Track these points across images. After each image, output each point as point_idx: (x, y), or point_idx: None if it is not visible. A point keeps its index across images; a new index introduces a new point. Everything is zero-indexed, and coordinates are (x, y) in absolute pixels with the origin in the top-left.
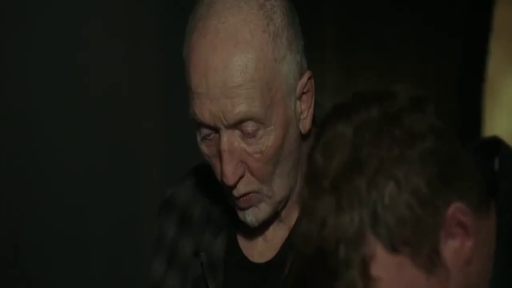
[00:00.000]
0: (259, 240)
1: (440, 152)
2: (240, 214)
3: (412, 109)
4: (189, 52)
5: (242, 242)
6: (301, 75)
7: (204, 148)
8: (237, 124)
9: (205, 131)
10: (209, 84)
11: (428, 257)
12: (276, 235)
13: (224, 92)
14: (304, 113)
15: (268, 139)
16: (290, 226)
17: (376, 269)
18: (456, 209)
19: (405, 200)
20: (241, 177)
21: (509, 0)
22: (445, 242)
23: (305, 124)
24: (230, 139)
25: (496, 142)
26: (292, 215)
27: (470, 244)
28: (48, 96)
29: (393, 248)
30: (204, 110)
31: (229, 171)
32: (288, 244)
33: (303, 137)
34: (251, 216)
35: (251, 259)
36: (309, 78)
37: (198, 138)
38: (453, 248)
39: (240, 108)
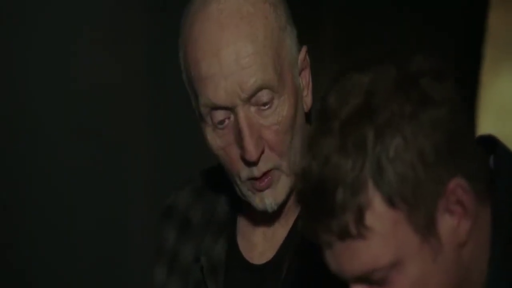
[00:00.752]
0: (259, 240)
1: (451, 124)
2: (258, 201)
3: (431, 76)
4: (193, 41)
5: (242, 243)
6: (299, 50)
7: (217, 139)
8: (253, 96)
9: (218, 116)
10: (223, 61)
11: (424, 222)
12: (276, 234)
13: (239, 63)
14: (305, 90)
15: (283, 109)
16: (289, 224)
17: (371, 219)
18: (458, 185)
19: (410, 158)
20: (262, 153)
21: (503, 4)
22: (442, 215)
23: (307, 102)
24: (247, 115)
25: (491, 141)
26: (291, 213)
27: (467, 226)
28: (36, 95)
29: (391, 202)
30: (219, 90)
31: (251, 145)
32: (287, 244)
33: (306, 117)
34: (270, 199)
35: (251, 260)
36: (306, 53)
37: (209, 132)
38: (450, 225)
39: (257, 76)
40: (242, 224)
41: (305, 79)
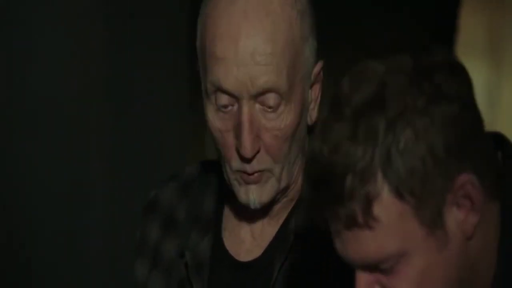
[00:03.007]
0: (247, 237)
1: (463, 121)
2: (243, 193)
3: (446, 71)
4: (213, 19)
5: (229, 240)
6: (315, 63)
7: (218, 121)
8: (260, 95)
9: (223, 100)
10: (239, 50)
11: (431, 216)
12: (264, 232)
13: (254, 58)
14: (312, 103)
15: (287, 117)
16: (279, 224)
17: (378, 209)
18: (467, 180)
19: (420, 152)
20: (257, 152)
21: (473, 6)
22: (450, 209)
23: (312, 115)
24: (251, 111)
25: (498, 139)
26: (282, 212)
27: (474, 220)
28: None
29: (398, 194)
30: (230, 76)
31: (248, 142)
32: (276, 242)
33: (308, 130)
34: (255, 195)
35: (238, 257)
36: (321, 68)
37: (211, 111)
38: (457, 218)
39: (269, 77)
40: (229, 220)
41: (315, 93)
